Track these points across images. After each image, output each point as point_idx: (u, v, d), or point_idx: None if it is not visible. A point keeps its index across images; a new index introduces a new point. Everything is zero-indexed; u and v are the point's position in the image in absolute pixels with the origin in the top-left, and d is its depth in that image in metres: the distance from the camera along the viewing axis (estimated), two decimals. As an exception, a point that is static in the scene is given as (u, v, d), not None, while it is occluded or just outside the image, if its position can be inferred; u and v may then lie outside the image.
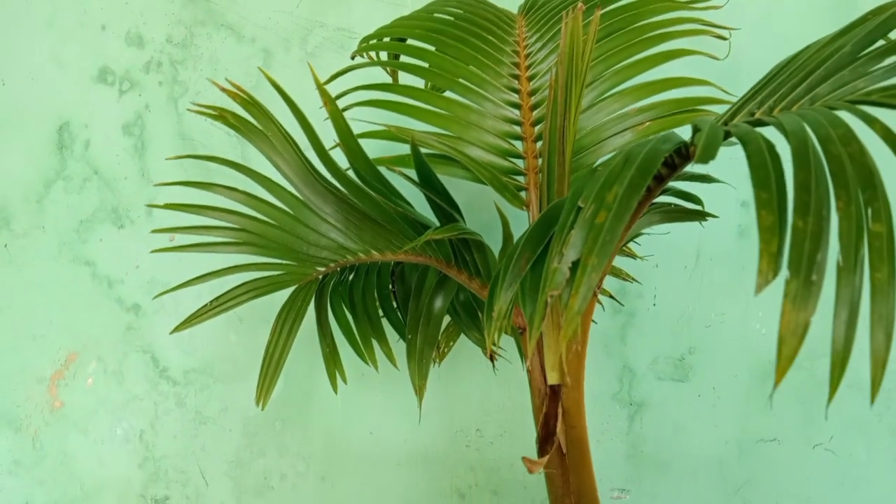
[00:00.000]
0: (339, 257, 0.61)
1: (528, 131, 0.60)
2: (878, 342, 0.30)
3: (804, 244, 0.28)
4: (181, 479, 1.14)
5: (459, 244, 0.54)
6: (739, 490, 1.15)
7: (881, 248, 0.30)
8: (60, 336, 1.11)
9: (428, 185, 0.51)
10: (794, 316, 0.28)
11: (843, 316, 0.30)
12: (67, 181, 1.07)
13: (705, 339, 1.12)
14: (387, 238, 0.58)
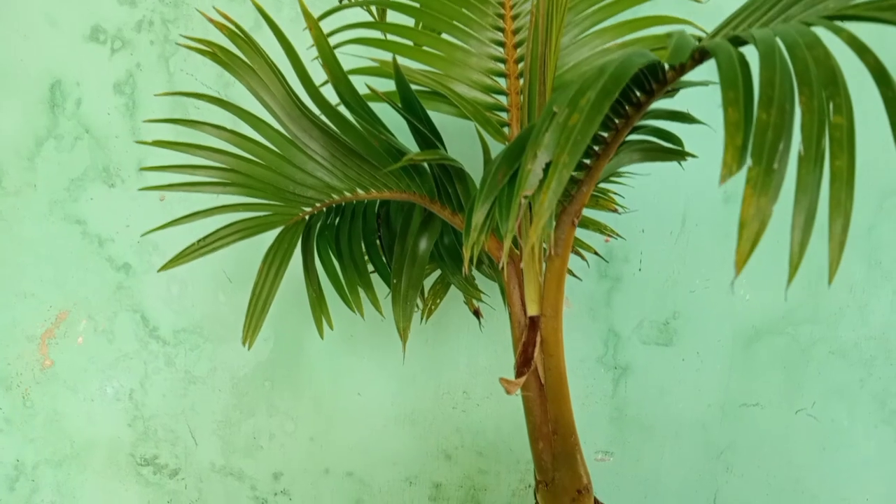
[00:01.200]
0: (325, 196, 0.61)
1: (511, 69, 0.61)
2: (837, 227, 0.32)
3: (767, 134, 0.30)
4: (170, 438, 1.15)
5: (442, 176, 0.55)
6: (722, 453, 1.17)
7: (841, 138, 0.32)
8: (51, 294, 1.11)
9: (410, 110, 0.52)
10: (755, 201, 0.29)
11: (804, 203, 0.31)
12: (59, 139, 1.08)
13: (690, 304, 1.13)
14: (372, 175, 0.59)
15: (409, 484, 1.17)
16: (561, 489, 0.58)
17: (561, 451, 0.58)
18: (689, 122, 0.56)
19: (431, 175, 0.57)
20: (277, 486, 1.16)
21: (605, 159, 0.48)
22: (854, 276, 1.13)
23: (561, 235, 0.53)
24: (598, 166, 0.49)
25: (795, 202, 0.32)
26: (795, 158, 0.32)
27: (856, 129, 0.33)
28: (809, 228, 0.32)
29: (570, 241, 0.53)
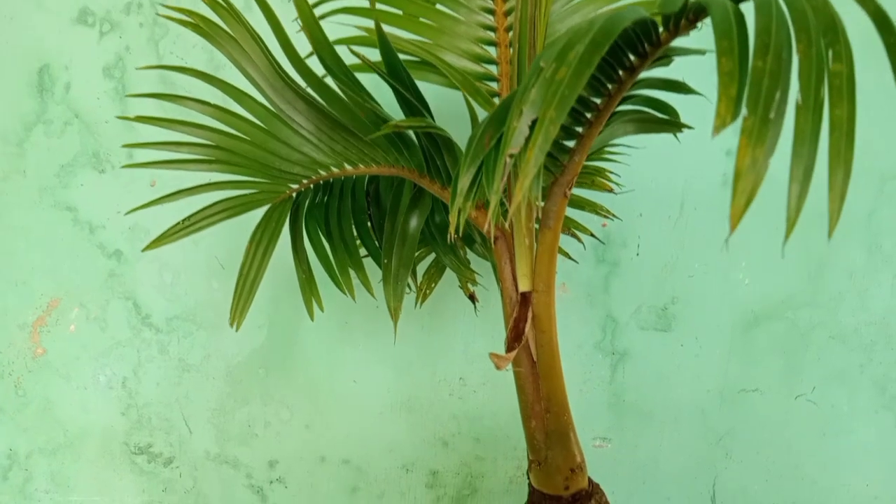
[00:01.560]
0: (312, 173, 0.60)
1: (501, 37, 0.60)
2: (837, 178, 0.30)
3: (762, 83, 0.28)
4: (164, 426, 1.14)
5: (431, 148, 0.54)
6: (721, 440, 1.16)
7: (841, 86, 0.30)
8: (42, 282, 1.10)
9: (395, 76, 0.50)
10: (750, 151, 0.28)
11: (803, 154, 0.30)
12: (48, 125, 1.06)
13: (688, 289, 1.12)
14: (359, 149, 0.57)
15: (405, 471, 1.16)
16: (554, 468, 0.57)
17: (554, 430, 0.57)
18: (684, 92, 0.55)
19: (420, 147, 0.56)
20: (273, 474, 1.15)
21: (598, 127, 0.46)
22: (854, 260, 1.12)
23: (552, 207, 0.51)
24: (591, 135, 0.47)
25: (793, 153, 0.31)
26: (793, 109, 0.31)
27: (856, 78, 0.31)
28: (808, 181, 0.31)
29: (562, 214, 0.52)
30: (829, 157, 0.32)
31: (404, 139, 0.56)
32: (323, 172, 0.60)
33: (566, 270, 1.10)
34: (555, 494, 0.58)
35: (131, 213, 1.07)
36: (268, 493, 1.16)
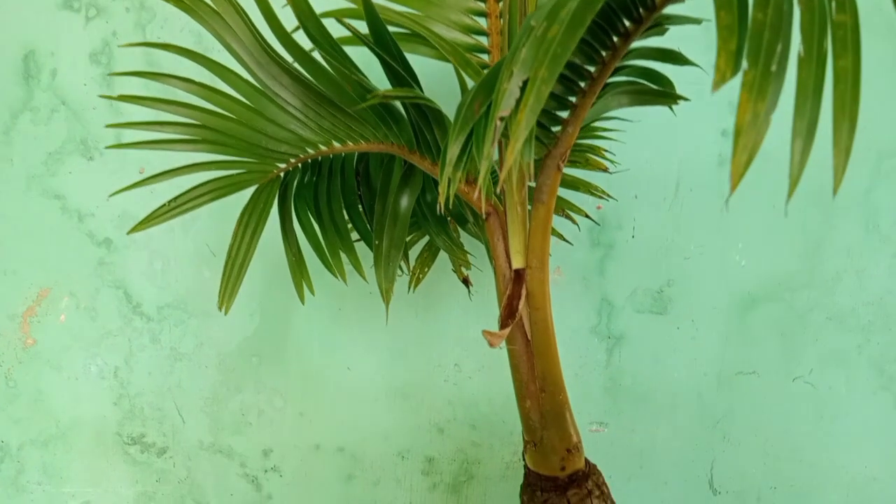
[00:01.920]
0: (300, 151, 0.59)
1: (492, 7, 0.58)
2: (843, 132, 0.29)
3: (763, 35, 0.27)
4: (157, 416, 1.13)
5: (420, 122, 0.52)
6: (718, 423, 1.15)
7: (845, 37, 0.29)
8: (31, 272, 1.09)
9: (382, 45, 0.49)
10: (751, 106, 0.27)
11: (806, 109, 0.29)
12: (34, 112, 1.05)
13: (684, 272, 1.11)
14: (347, 125, 0.56)
15: (401, 458, 1.15)
16: (550, 449, 0.56)
17: (549, 410, 0.56)
18: (679, 62, 0.53)
19: (409, 122, 0.54)
20: (267, 463, 1.14)
21: (591, 97, 0.45)
22: (851, 240, 1.11)
23: (546, 181, 0.50)
24: (584, 105, 0.46)
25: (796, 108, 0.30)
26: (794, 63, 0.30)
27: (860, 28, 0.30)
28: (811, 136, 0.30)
29: (556, 188, 0.51)
30: (834, 111, 0.31)
31: (393, 113, 0.55)
32: (311, 150, 0.59)
33: (561, 254, 1.09)
34: (551, 475, 0.57)
35: (121, 201, 1.06)
36: (262, 482, 1.15)
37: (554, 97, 0.47)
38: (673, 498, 1.17)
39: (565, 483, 0.56)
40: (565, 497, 0.55)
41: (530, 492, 0.59)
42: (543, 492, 0.57)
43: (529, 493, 0.59)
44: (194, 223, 1.08)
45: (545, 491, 0.56)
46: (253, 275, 1.09)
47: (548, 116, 0.48)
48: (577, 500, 0.55)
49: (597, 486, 0.57)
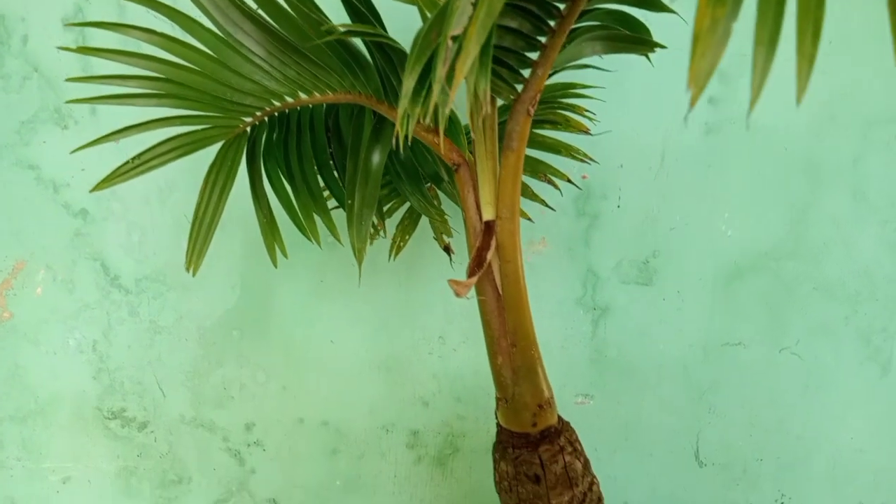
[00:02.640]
0: (266, 104, 0.57)
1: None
2: (806, 37, 0.27)
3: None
4: (137, 390, 1.12)
5: (387, 69, 0.50)
6: (704, 395, 1.14)
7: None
8: (7, 244, 1.07)
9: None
10: (710, 11, 0.25)
11: (768, 15, 0.27)
12: (6, 79, 1.02)
13: (670, 242, 1.10)
14: (313, 73, 0.54)
15: (385, 432, 1.14)
16: (521, 405, 0.55)
17: (521, 365, 0.54)
18: (656, 9, 0.52)
19: (376, 69, 0.52)
20: (250, 437, 1.13)
21: (561, 37, 0.43)
22: (839, 209, 1.10)
23: (515, 127, 0.48)
24: (554, 46, 0.44)
25: (758, 16, 0.28)
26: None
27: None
28: (774, 45, 0.28)
29: (526, 134, 0.49)
30: (798, 16, 0.29)
31: (359, 60, 0.53)
32: (277, 103, 0.57)
33: (546, 224, 1.08)
34: (522, 432, 0.55)
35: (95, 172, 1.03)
36: (245, 457, 1.14)
37: (522, 37, 0.45)
38: (659, 470, 1.16)
39: (537, 439, 0.55)
40: (537, 453, 0.54)
41: (501, 449, 0.58)
42: (515, 448, 0.55)
43: (501, 450, 0.58)
44: (171, 194, 1.06)
45: (516, 448, 0.55)
46: (233, 247, 1.08)
47: (517, 58, 0.46)
48: (548, 456, 0.54)
49: (569, 443, 0.56)
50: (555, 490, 0.53)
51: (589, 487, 0.56)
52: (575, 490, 0.54)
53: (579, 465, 0.56)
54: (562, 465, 0.54)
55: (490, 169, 0.49)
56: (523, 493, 0.54)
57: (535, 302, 1.10)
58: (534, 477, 0.53)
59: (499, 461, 0.58)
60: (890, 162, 1.09)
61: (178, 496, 1.15)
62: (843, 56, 1.05)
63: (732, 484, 1.17)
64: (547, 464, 0.53)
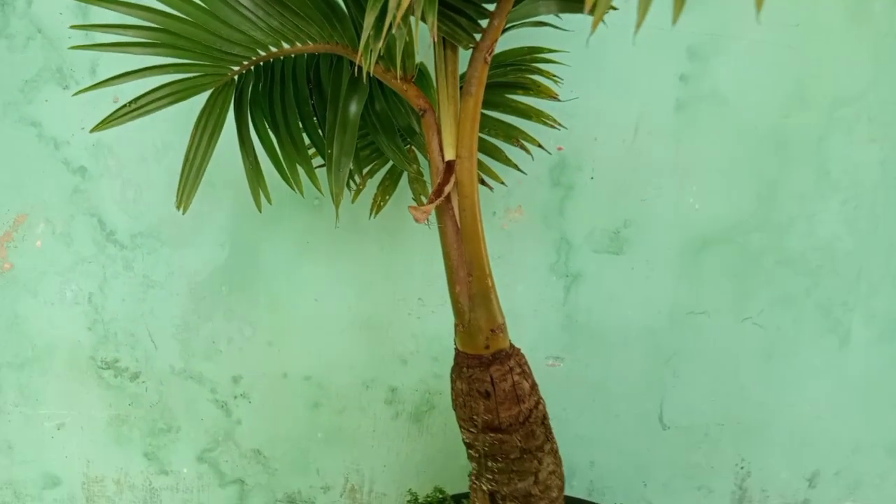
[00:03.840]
0: (252, 53, 0.62)
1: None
2: None
3: None
4: (130, 341, 1.17)
5: (360, 20, 0.56)
6: (669, 360, 1.20)
7: None
8: (8, 198, 1.12)
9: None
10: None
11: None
12: (10, 39, 1.07)
13: (641, 213, 1.15)
14: (294, 24, 0.59)
15: (365, 388, 1.20)
16: (476, 329, 0.61)
17: (477, 293, 0.60)
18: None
19: (351, 20, 0.58)
20: (237, 390, 1.19)
21: None
22: (803, 186, 1.15)
23: (474, 73, 0.54)
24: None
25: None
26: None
27: None
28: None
29: (483, 79, 0.54)
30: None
31: (336, 12, 0.58)
32: (262, 52, 0.62)
33: (522, 193, 1.13)
34: (476, 354, 0.61)
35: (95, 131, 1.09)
36: (232, 408, 1.19)
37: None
38: (624, 430, 1.22)
39: (489, 360, 0.60)
40: (488, 372, 0.60)
41: (458, 370, 0.63)
42: (469, 368, 0.61)
43: (457, 370, 0.63)
44: (167, 154, 1.11)
45: (470, 367, 0.61)
46: (223, 207, 1.13)
47: (475, 9, 0.51)
48: (499, 375, 0.59)
49: (518, 366, 0.62)
50: (503, 405, 0.59)
51: (535, 405, 0.62)
52: (522, 406, 0.60)
53: (527, 385, 0.61)
54: (510, 383, 0.59)
55: (451, 113, 0.54)
56: (475, 407, 0.60)
57: (510, 267, 1.16)
58: (485, 393, 0.59)
59: (455, 380, 0.64)
60: (853, 142, 1.14)
61: (167, 444, 1.20)
62: (811, 39, 1.10)
63: (694, 447, 1.23)
64: (497, 381, 0.59)
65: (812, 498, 1.27)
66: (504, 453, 0.60)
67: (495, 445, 0.60)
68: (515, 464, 0.60)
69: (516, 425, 0.59)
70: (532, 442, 0.60)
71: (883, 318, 1.20)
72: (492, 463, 0.61)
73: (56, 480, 1.21)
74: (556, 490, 0.62)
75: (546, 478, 0.61)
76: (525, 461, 0.59)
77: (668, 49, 1.10)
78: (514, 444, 0.59)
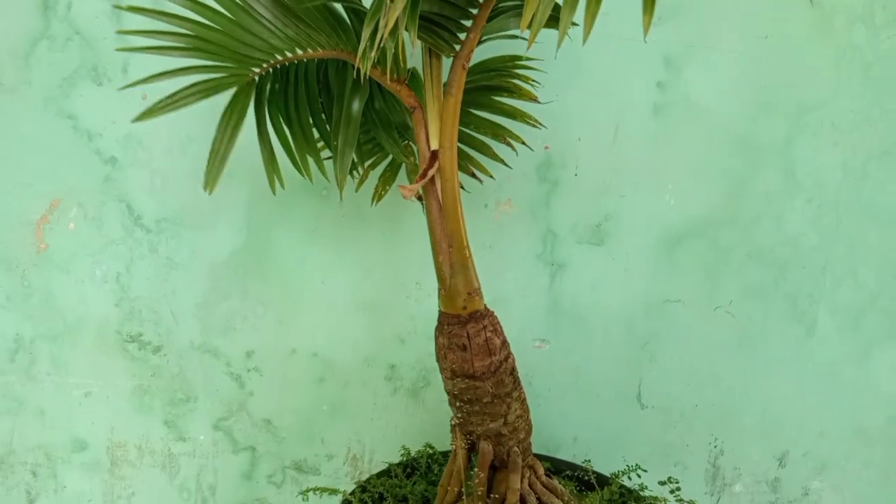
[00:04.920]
0: (270, 57, 0.73)
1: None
2: None
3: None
4: (153, 318, 1.28)
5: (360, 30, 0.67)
6: (646, 344, 1.30)
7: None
8: (45, 184, 1.23)
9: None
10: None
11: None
12: (52, 40, 1.19)
13: (620, 208, 1.26)
14: (307, 33, 0.70)
15: (367, 365, 1.30)
16: (455, 292, 0.71)
17: (456, 261, 0.71)
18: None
19: (354, 31, 0.69)
20: (250, 364, 1.30)
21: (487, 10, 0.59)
22: (770, 185, 1.25)
23: (454, 78, 0.65)
24: (482, 16, 0.60)
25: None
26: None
27: None
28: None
29: (462, 83, 0.65)
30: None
31: (342, 24, 0.69)
32: (279, 57, 0.73)
33: (512, 188, 1.24)
34: (456, 314, 0.72)
35: (125, 124, 1.21)
36: (245, 381, 1.30)
37: (458, 9, 0.61)
38: (605, 409, 1.32)
39: (466, 319, 0.71)
40: (465, 329, 0.70)
41: (440, 327, 0.74)
42: (449, 325, 0.72)
43: (439, 328, 0.74)
44: (190, 146, 1.23)
45: (450, 325, 0.71)
46: (241, 196, 1.25)
47: (455, 24, 0.62)
48: (474, 331, 0.70)
49: (491, 325, 0.72)
50: (477, 356, 0.70)
51: (505, 359, 0.72)
52: (493, 358, 0.70)
53: (498, 341, 0.72)
54: (484, 338, 0.70)
55: (436, 110, 0.65)
56: (454, 358, 0.70)
57: (499, 255, 1.26)
58: (462, 346, 0.70)
59: (438, 337, 0.75)
60: (817, 145, 1.25)
61: (185, 413, 1.31)
62: (777, 50, 1.20)
63: (671, 426, 1.33)
64: (472, 336, 0.70)
65: (782, 476, 1.36)
66: (478, 398, 0.70)
67: (470, 391, 0.70)
68: (487, 407, 0.70)
69: (488, 374, 0.69)
70: (502, 389, 0.71)
71: (846, 309, 1.30)
72: (468, 407, 0.71)
73: (83, 445, 1.32)
74: (523, 433, 0.73)
75: (514, 420, 0.71)
76: (495, 405, 0.70)
77: (646, 58, 1.20)
78: (486, 389, 0.69)
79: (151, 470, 1.32)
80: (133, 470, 1.32)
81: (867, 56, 1.21)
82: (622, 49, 1.20)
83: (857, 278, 1.29)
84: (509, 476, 0.71)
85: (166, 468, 1.32)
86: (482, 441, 0.71)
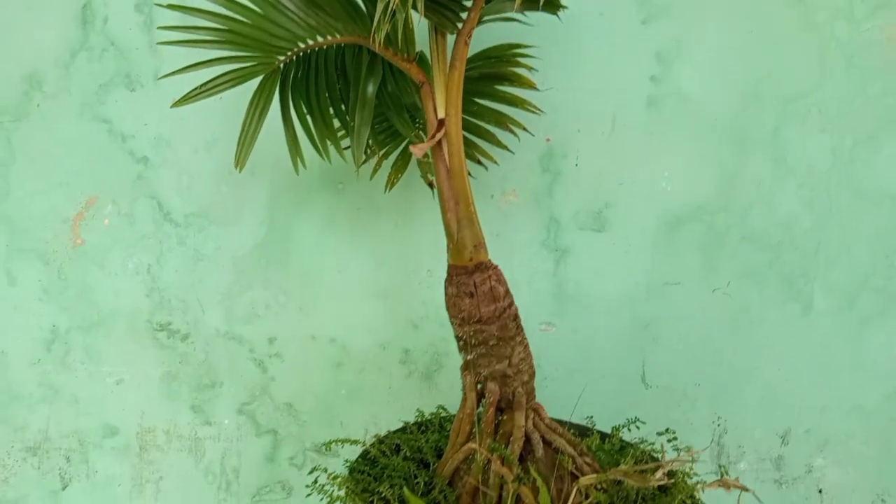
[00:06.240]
0: (293, 45, 0.82)
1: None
2: None
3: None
4: (182, 307, 1.36)
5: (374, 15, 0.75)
6: (648, 326, 1.36)
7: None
8: (82, 183, 1.33)
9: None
10: None
11: None
12: (90, 51, 1.29)
13: (620, 196, 1.33)
14: (326, 21, 0.79)
15: (382, 349, 1.37)
16: (462, 245, 0.79)
17: (463, 217, 0.79)
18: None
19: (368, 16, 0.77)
20: (272, 350, 1.37)
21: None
22: (762, 171, 1.32)
23: (458, 53, 0.73)
24: None
25: None
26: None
27: None
28: None
29: (465, 57, 0.74)
30: None
31: (357, 10, 0.78)
32: (301, 45, 0.82)
33: (517, 178, 1.32)
34: (463, 265, 0.79)
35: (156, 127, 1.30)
36: (267, 366, 1.38)
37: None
38: (610, 390, 1.38)
39: (472, 269, 0.78)
40: (472, 278, 0.78)
41: (449, 279, 0.81)
42: (457, 276, 0.79)
43: (449, 279, 0.82)
44: (215, 146, 1.32)
45: (458, 275, 0.79)
46: (263, 191, 1.34)
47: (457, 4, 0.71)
48: (479, 280, 0.78)
49: (495, 275, 0.80)
50: (483, 302, 0.77)
51: (508, 306, 0.80)
52: (497, 304, 0.78)
53: (501, 289, 0.79)
54: (489, 286, 0.77)
55: (442, 82, 0.73)
56: (462, 304, 0.78)
57: (506, 243, 1.34)
58: (469, 293, 0.77)
59: (447, 287, 0.82)
60: (805, 132, 1.32)
61: (211, 398, 1.39)
62: (763, 44, 1.28)
63: (674, 404, 1.39)
64: (478, 285, 0.77)
65: (785, 454, 1.41)
66: (484, 341, 0.78)
67: (477, 334, 0.78)
68: (493, 349, 0.77)
69: (493, 318, 0.77)
70: (506, 332, 0.78)
71: (840, 288, 1.35)
72: (475, 350, 0.78)
73: (114, 430, 1.40)
74: (527, 375, 0.80)
75: (518, 363, 0.78)
76: (500, 347, 0.77)
77: (639, 53, 1.29)
78: (492, 333, 0.77)
79: (179, 454, 1.39)
80: (161, 454, 1.39)
81: (848, 48, 1.29)
82: (617, 45, 1.28)
83: (851, 258, 1.34)
84: (514, 414, 0.78)
85: (193, 452, 1.39)
86: (489, 382, 0.78)
